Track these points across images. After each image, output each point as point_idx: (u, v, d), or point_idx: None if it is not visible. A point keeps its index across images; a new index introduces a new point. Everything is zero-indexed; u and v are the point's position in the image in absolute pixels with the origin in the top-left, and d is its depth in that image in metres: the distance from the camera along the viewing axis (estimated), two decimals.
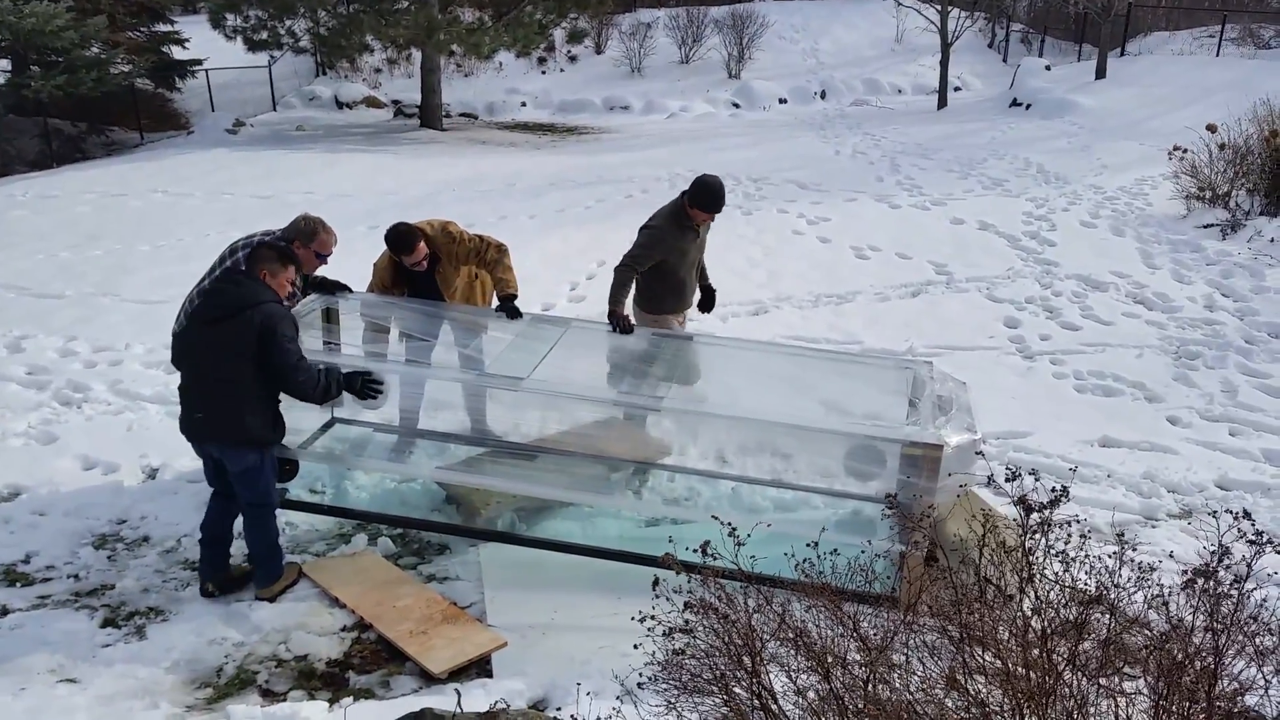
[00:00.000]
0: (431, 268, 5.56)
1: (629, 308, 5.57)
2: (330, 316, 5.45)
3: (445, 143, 19.82)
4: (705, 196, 5.53)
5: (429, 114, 21.85)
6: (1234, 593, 2.48)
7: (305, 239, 5.01)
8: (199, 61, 22.14)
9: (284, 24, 20.47)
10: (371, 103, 24.42)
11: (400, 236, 5.39)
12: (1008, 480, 3.00)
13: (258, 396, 4.40)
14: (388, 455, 5.78)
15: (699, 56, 26.93)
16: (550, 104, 24.82)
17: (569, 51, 26.68)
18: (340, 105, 24.09)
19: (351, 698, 3.98)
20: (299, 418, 5.33)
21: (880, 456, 4.71)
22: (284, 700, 3.99)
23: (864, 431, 4.70)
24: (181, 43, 22.12)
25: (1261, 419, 6.75)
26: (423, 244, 5.43)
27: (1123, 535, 2.81)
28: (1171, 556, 3.76)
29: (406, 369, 5.29)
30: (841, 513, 5.33)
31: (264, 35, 20.52)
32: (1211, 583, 2.48)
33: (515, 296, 5.54)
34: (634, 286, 5.66)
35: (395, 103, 24.23)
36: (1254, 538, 2.52)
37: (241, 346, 4.28)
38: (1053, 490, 2.86)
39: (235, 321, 4.29)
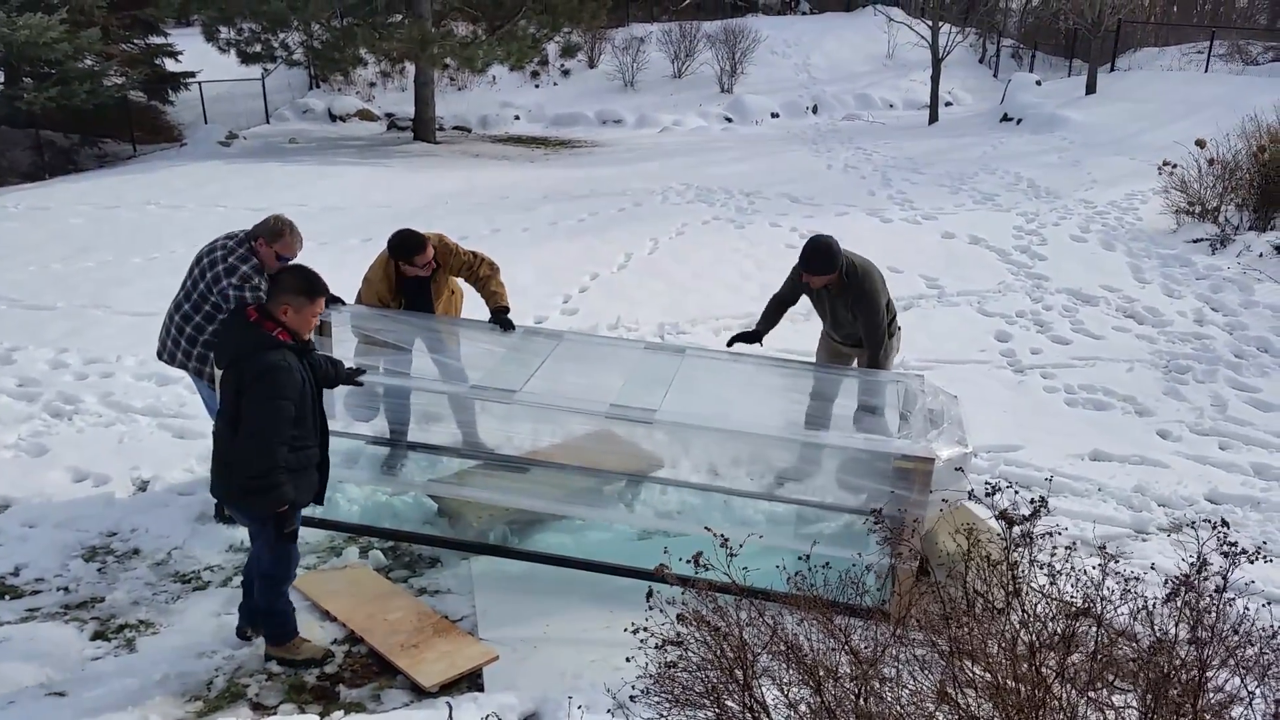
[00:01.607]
0: (429, 276, 5.59)
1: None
2: (322, 329, 5.45)
3: (438, 156, 19.85)
4: (801, 254, 5.42)
5: (422, 127, 21.89)
6: (1215, 604, 2.50)
7: (270, 237, 5.00)
8: (192, 74, 22.13)
9: (277, 37, 20.49)
10: (365, 115, 24.45)
11: (411, 236, 5.45)
12: (988, 495, 3.03)
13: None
14: (379, 468, 5.77)
15: (691, 71, 27.03)
16: (543, 117, 24.88)
17: (562, 65, 26.75)
18: (333, 118, 24.11)
19: (342, 711, 3.97)
20: None
21: (872, 470, 4.72)
22: (274, 714, 3.97)
23: (855, 445, 4.72)
24: (175, 55, 22.11)
25: (1251, 433, 6.78)
26: (431, 247, 5.47)
27: (1105, 548, 2.83)
28: (1153, 568, 3.77)
29: (398, 381, 5.29)
30: (833, 526, 5.34)
31: (257, 48, 20.54)
32: (1193, 595, 2.50)
33: (508, 309, 5.57)
34: None
35: (388, 116, 24.26)
36: (1227, 548, 2.54)
37: (227, 401, 3.91)
38: (1032, 502, 2.88)
39: (229, 373, 3.89)
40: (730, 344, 5.74)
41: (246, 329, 3.89)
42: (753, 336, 5.75)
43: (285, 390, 3.81)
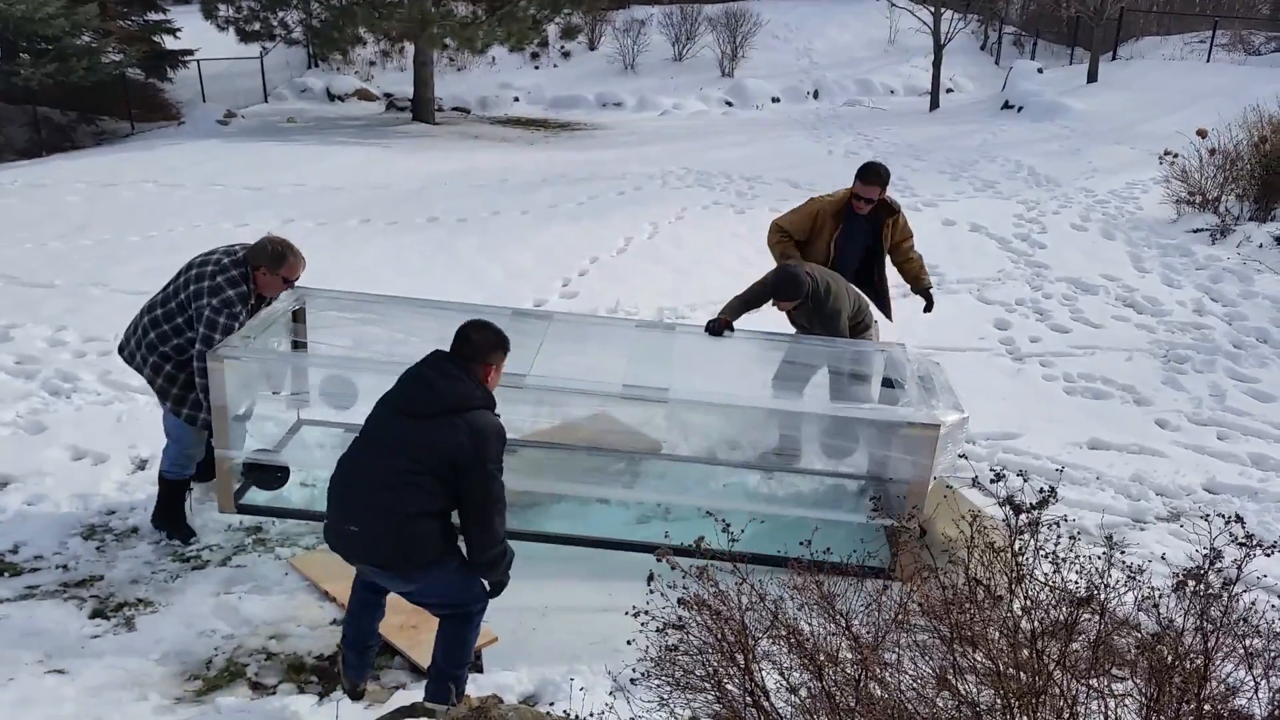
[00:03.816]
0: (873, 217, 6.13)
1: None
2: (298, 316, 5.28)
3: (437, 137, 19.77)
4: (773, 283, 5.58)
5: (421, 108, 21.80)
6: (1224, 595, 2.50)
7: (272, 264, 4.74)
8: (190, 52, 22.03)
9: (276, 15, 20.42)
10: (363, 95, 24.36)
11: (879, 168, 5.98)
12: (993, 481, 3.03)
13: (429, 514, 3.48)
14: None
15: (692, 54, 26.95)
16: (543, 99, 24.80)
17: (562, 47, 26.64)
18: (332, 98, 24.02)
19: (341, 690, 3.98)
20: (270, 424, 5.25)
21: (878, 437, 4.77)
22: (273, 693, 3.98)
23: (861, 414, 4.75)
24: (173, 32, 22.00)
25: (1249, 423, 6.79)
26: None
27: (1111, 537, 2.83)
28: (1163, 559, 3.78)
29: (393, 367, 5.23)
30: (838, 493, 5.40)
31: (256, 26, 20.47)
32: (1202, 585, 2.50)
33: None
34: None
35: (387, 96, 24.17)
36: (1244, 540, 2.54)
37: (431, 458, 3.40)
38: (1040, 491, 2.88)
39: (433, 424, 3.43)
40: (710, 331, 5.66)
41: (473, 381, 3.52)
42: (727, 326, 5.58)
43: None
